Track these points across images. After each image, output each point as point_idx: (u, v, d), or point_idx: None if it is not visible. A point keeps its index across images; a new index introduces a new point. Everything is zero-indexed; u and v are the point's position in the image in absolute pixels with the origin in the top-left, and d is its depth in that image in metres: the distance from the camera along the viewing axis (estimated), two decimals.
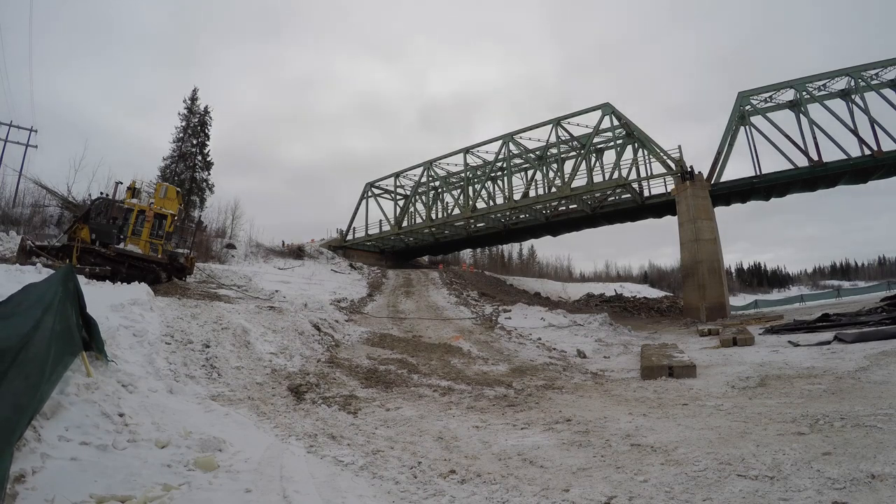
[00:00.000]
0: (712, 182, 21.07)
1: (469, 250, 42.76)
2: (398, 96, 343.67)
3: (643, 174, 23.52)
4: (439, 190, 31.15)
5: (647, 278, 61.47)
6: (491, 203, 29.06)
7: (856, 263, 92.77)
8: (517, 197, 26.77)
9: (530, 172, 27.70)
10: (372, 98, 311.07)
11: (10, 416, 2.80)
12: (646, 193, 24.05)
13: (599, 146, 25.44)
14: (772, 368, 7.69)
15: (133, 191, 14.10)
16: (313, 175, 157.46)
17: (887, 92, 20.19)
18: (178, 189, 16.49)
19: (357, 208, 33.16)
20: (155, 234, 13.79)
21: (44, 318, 3.69)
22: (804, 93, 20.92)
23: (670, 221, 22.66)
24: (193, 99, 31.64)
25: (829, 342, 9.70)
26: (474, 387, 7.47)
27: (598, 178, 24.56)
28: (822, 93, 21.10)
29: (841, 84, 20.93)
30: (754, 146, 21.35)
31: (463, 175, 29.70)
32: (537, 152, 27.01)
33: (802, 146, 20.50)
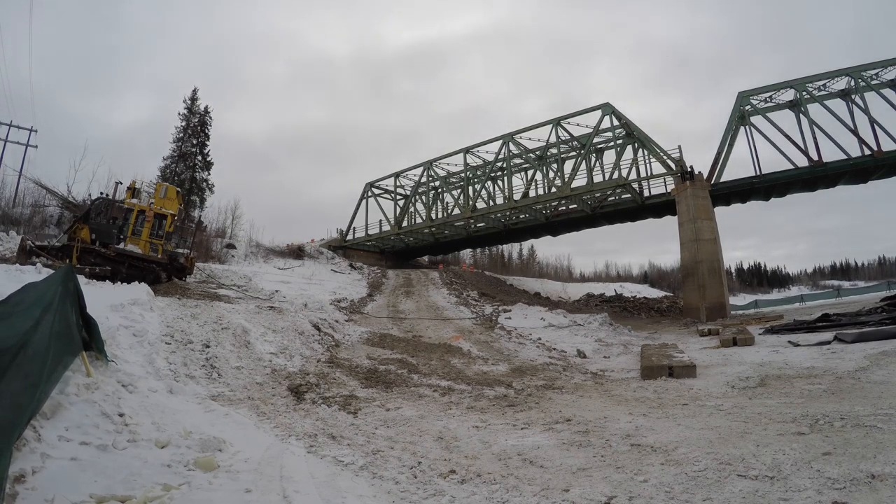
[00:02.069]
0: (712, 182, 21.07)
1: (469, 250, 42.75)
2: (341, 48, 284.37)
3: (643, 174, 23.52)
4: (439, 190, 31.15)
5: (647, 278, 61.44)
6: (491, 203, 29.06)
7: (856, 263, 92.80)
8: (517, 197, 26.76)
9: (530, 172, 27.70)
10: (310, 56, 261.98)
11: (9, 416, 2.80)
12: (646, 193, 24.06)
13: (599, 146, 25.44)
14: (772, 368, 7.69)
15: (133, 191, 14.10)
16: (255, 150, 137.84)
17: (887, 92, 20.18)
18: (178, 189, 16.49)
19: (357, 208, 33.18)
20: (155, 234, 13.78)
21: (43, 317, 3.69)
22: (804, 93, 20.91)
23: (672, 221, 22.60)
24: (193, 99, 31.66)
25: (829, 342, 9.69)
26: (474, 387, 7.47)
27: (598, 178, 24.57)
28: (822, 93, 21.09)
29: (841, 84, 20.92)
30: (754, 146, 21.38)
31: (463, 175, 29.70)
32: (537, 152, 27.02)
33: (802, 146, 20.51)
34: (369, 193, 33.04)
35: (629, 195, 24.18)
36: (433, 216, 30.53)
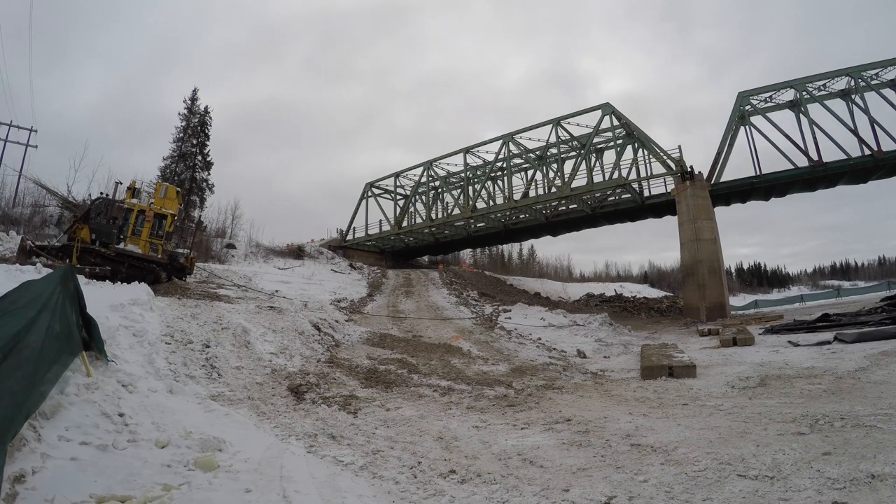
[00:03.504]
0: (712, 182, 21.07)
1: (469, 250, 42.74)
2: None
3: (643, 174, 23.51)
4: (439, 190, 31.15)
5: (647, 278, 61.43)
6: (491, 203, 29.05)
7: (856, 263, 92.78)
8: (517, 197, 26.75)
9: (530, 172, 27.68)
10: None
11: (4, 415, 2.79)
12: (646, 193, 24.06)
13: (599, 146, 25.43)
14: (772, 368, 7.69)
15: (133, 191, 14.09)
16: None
17: (887, 92, 20.18)
18: (178, 189, 16.48)
19: (357, 208, 33.18)
20: (155, 234, 13.78)
21: (39, 316, 3.68)
22: (804, 93, 20.90)
23: (674, 219, 22.55)
24: (193, 99, 31.62)
25: (829, 342, 9.70)
26: (474, 387, 7.47)
27: (598, 178, 24.54)
28: (822, 93, 21.09)
29: (841, 84, 20.92)
30: (754, 146, 21.37)
31: (463, 175, 29.70)
32: (537, 152, 27.01)
33: (802, 146, 20.50)
34: (369, 193, 33.05)
35: (629, 195, 24.18)
36: (433, 216, 30.52)
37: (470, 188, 29.28)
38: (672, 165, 21.83)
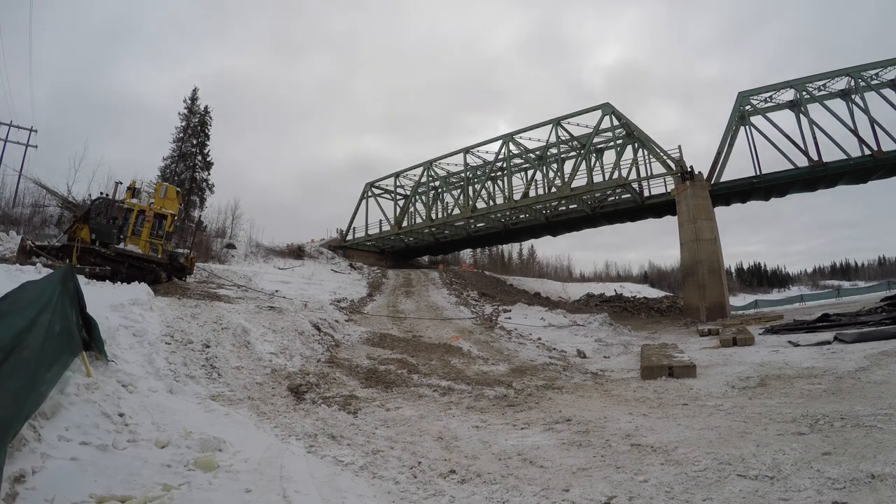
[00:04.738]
0: (712, 182, 21.07)
1: (469, 250, 42.74)
2: None
3: (643, 174, 23.51)
4: (439, 190, 31.15)
5: (647, 278, 61.44)
6: (491, 203, 29.05)
7: (856, 263, 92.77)
8: (517, 197, 26.75)
9: (530, 172, 27.68)
10: None
11: (4, 415, 2.79)
12: (646, 193, 24.06)
13: (599, 146, 25.43)
14: (772, 368, 7.69)
15: (133, 191, 14.09)
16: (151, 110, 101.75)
17: (887, 92, 20.18)
18: (178, 189, 16.48)
19: (357, 208, 33.20)
20: (155, 234, 13.78)
21: (40, 316, 3.68)
22: (804, 93, 20.91)
23: (674, 218, 22.54)
24: (193, 99, 31.62)
25: (829, 342, 9.70)
26: (474, 387, 7.47)
27: (598, 178, 24.54)
28: (822, 93, 21.09)
29: (841, 84, 20.92)
30: (754, 146, 21.37)
31: (463, 175, 29.71)
32: (537, 152, 27.02)
33: (802, 146, 20.51)
34: (369, 193, 33.06)
35: (629, 195, 24.18)
36: (433, 216, 30.53)
37: (470, 188, 29.29)
38: (672, 165, 21.83)
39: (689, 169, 21.43)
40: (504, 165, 27.92)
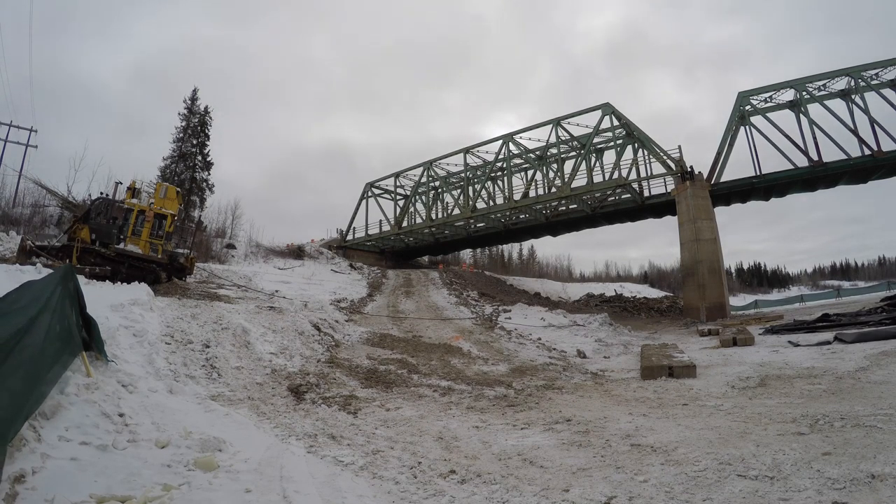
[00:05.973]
0: (712, 182, 21.07)
1: (469, 250, 42.74)
2: None
3: (643, 174, 23.52)
4: (439, 190, 31.16)
5: (647, 278, 61.45)
6: (491, 203, 29.06)
7: (856, 263, 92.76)
8: (517, 197, 26.76)
9: (530, 172, 27.70)
10: None
11: (4, 415, 2.80)
12: (646, 193, 24.07)
13: (599, 146, 25.44)
14: (772, 368, 7.69)
15: (133, 191, 14.08)
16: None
17: (887, 92, 20.18)
18: (178, 189, 16.47)
19: (357, 208, 33.21)
20: (155, 234, 13.77)
21: (40, 316, 3.69)
22: (804, 93, 20.91)
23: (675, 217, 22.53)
24: (193, 99, 31.61)
25: (829, 342, 9.69)
26: (474, 387, 7.47)
27: (598, 178, 24.56)
28: (822, 93, 21.10)
29: (841, 84, 20.92)
30: (754, 146, 21.37)
31: (463, 175, 29.71)
32: (537, 152, 27.02)
33: (802, 146, 20.51)
34: (369, 193, 33.06)
35: (629, 195, 24.18)
36: (433, 216, 30.53)
37: (470, 188, 29.29)
38: (672, 165, 21.83)
39: (689, 169, 21.44)
40: (504, 165, 27.92)
